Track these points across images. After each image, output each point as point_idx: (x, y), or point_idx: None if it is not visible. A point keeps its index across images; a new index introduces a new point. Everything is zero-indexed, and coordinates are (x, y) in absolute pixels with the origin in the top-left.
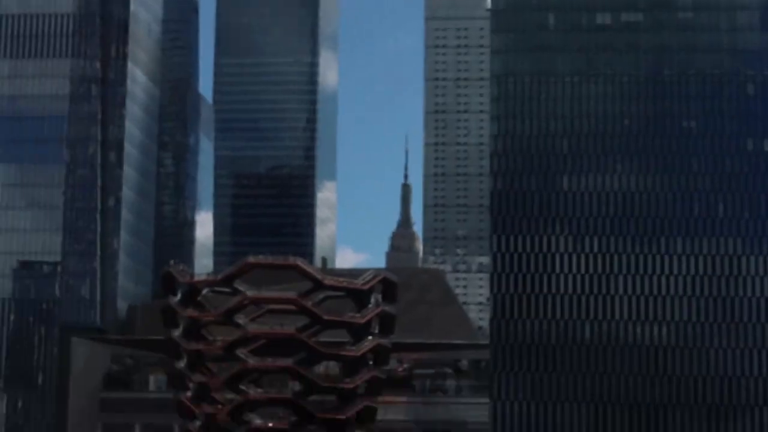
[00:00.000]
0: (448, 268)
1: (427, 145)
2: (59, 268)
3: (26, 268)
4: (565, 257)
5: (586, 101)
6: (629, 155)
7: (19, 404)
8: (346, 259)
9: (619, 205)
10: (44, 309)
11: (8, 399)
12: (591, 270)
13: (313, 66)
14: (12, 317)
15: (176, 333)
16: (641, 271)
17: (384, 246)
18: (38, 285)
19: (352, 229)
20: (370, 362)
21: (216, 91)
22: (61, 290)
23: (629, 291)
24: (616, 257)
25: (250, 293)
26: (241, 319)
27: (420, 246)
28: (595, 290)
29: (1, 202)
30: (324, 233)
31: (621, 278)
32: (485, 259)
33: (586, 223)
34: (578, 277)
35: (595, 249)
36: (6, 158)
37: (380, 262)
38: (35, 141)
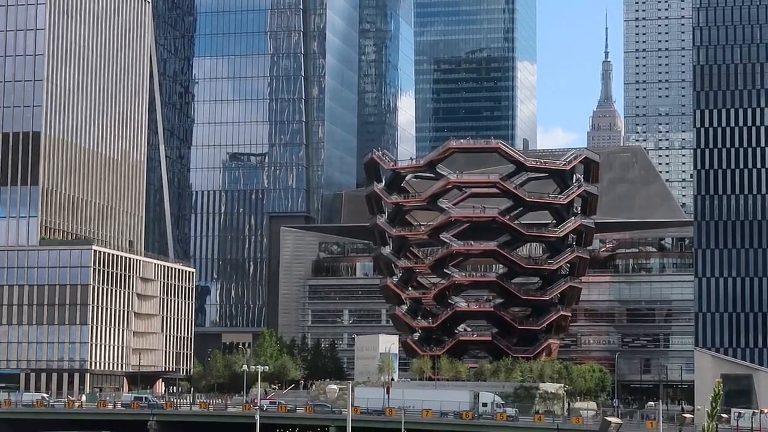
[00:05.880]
0: (650, 145)
1: (627, 21)
2: (266, 159)
3: (235, 160)
4: None
5: None
6: None
7: (232, 293)
8: (547, 139)
9: None
10: (253, 199)
11: (221, 287)
12: None
13: None
14: (222, 208)
15: (381, 219)
16: None
17: (585, 125)
18: (246, 176)
19: (553, 110)
20: (573, 243)
21: None
22: (269, 180)
23: None
24: None
25: (452, 177)
26: (444, 203)
27: (621, 124)
28: None
29: (209, 95)
30: (524, 115)
31: None
32: (688, 135)
33: None
34: None
35: None
36: (212, 52)
37: (582, 142)
38: (240, 34)
